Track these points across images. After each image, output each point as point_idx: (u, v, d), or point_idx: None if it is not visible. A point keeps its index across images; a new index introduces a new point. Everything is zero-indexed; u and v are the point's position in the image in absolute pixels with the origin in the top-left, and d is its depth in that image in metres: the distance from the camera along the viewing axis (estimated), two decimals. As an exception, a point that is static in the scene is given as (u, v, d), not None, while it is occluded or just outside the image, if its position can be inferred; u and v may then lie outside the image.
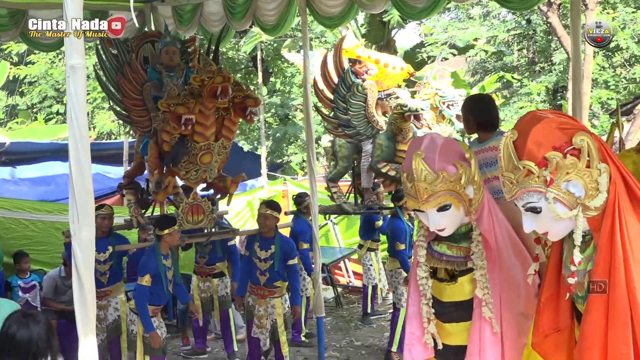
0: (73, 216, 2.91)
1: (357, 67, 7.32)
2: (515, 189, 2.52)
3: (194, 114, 5.39)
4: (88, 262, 2.92)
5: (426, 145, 3.10)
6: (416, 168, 3.04)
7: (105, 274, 6.10)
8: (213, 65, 5.48)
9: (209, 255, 6.78)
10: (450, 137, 3.30)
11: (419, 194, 3.06)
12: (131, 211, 6.37)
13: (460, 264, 3.27)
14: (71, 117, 2.91)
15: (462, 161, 3.12)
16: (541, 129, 2.46)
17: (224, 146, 5.81)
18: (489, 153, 3.89)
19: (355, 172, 7.83)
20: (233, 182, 6.08)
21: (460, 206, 3.11)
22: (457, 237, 3.26)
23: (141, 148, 6.23)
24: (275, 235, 6.01)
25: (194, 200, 5.86)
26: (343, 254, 9.98)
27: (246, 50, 16.51)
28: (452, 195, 3.08)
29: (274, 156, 18.34)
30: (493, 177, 3.83)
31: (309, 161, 6.57)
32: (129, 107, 6.07)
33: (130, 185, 6.49)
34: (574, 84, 5.86)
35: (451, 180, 3.05)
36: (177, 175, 5.88)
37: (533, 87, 18.40)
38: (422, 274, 3.32)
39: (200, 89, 5.36)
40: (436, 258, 3.33)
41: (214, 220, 6.04)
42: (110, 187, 10.05)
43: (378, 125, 7.30)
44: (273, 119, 19.48)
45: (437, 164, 3.05)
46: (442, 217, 3.11)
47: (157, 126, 5.78)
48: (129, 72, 5.96)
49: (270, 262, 5.95)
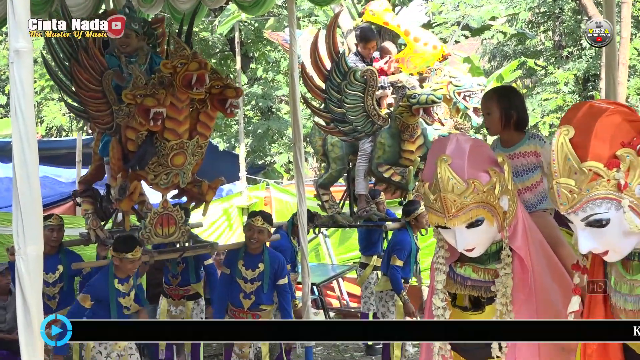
0: (17, 228, 2.90)
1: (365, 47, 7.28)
2: (576, 198, 2.42)
3: (165, 106, 5.37)
4: (35, 283, 2.91)
5: (452, 149, 3.04)
6: (442, 176, 2.97)
7: (54, 297, 6.07)
8: (187, 50, 5.46)
9: (182, 275, 6.75)
10: (478, 138, 3.27)
11: (446, 208, 2.99)
12: (88, 223, 6.33)
13: (488, 289, 3.22)
14: (15, 110, 2.90)
15: (495, 167, 3.06)
16: (607, 123, 2.37)
17: (200, 145, 5.78)
18: (519, 160, 3.86)
19: (351, 176, 7.78)
20: (210, 188, 6.02)
21: (494, 221, 3.06)
22: (484, 258, 3.21)
23: (100, 148, 6.20)
24: (264, 251, 6.00)
25: (164, 209, 5.83)
26: (336, 272, 9.97)
27: (222, 31, 16.50)
28: (485, 208, 3.02)
29: (254, 156, 18.35)
30: (524, 189, 3.83)
31: (296, 162, 6.57)
32: (85, 100, 5.99)
33: (87, 193, 6.46)
34: (608, 72, 5.89)
35: (484, 190, 3.00)
36: (144, 179, 5.83)
37: (560, 76, 18.48)
38: (438, 303, 3.25)
39: (172, 77, 5.33)
40: (459, 283, 3.28)
41: (187, 232, 6.03)
42: (60, 193, 10.05)
43: (380, 120, 7.20)
44: (254, 112, 19.48)
45: (468, 171, 2.99)
46: (472, 235, 3.05)
47: (121, 122, 5.73)
48: (85, 59, 5.88)
49: (258, 283, 5.94)
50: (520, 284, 3.16)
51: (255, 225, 5.91)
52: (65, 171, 11.96)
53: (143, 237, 5.76)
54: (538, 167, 3.85)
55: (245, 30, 17.15)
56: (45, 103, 19.46)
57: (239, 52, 14.48)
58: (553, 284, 3.20)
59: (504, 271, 3.15)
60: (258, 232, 5.91)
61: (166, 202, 5.88)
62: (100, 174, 6.43)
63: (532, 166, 3.85)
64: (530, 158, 3.85)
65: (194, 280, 6.73)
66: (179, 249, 6.13)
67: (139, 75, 5.62)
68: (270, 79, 18.77)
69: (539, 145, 3.87)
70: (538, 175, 3.86)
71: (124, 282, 5.53)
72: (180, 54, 5.41)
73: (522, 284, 3.15)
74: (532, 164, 3.85)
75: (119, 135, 5.79)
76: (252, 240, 5.93)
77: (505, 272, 3.14)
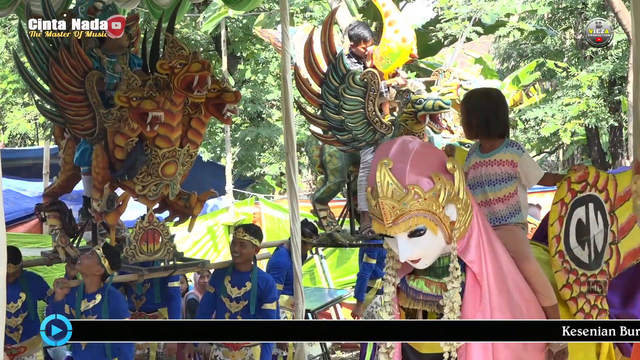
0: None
1: (359, 46, 7.30)
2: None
3: (164, 110, 5.39)
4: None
5: (396, 152, 3.14)
6: (381, 181, 3.07)
7: (17, 329, 6.09)
8: (185, 49, 5.49)
9: (146, 297, 6.76)
10: (427, 142, 3.34)
11: (385, 215, 3.08)
12: (56, 240, 6.33)
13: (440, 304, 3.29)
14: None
15: (442, 173, 3.14)
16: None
17: (190, 154, 5.84)
18: (494, 168, 3.92)
19: (352, 189, 7.80)
20: (199, 201, 6.08)
21: (437, 230, 3.14)
22: (438, 271, 3.30)
23: (77, 157, 6.22)
24: (253, 269, 6.03)
25: (149, 224, 5.85)
26: (333, 297, 9.94)
27: (207, 29, 16.53)
28: (427, 216, 3.10)
29: (242, 167, 18.33)
30: (496, 199, 3.89)
31: (289, 175, 6.56)
32: (62, 103, 5.93)
33: (54, 207, 6.46)
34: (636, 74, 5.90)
35: (425, 197, 3.08)
36: (131, 190, 5.85)
37: (583, 78, 18.50)
38: (386, 317, 3.34)
39: (169, 78, 5.36)
40: (411, 297, 3.37)
41: (173, 249, 6.06)
42: (25, 209, 10.01)
43: (382, 127, 7.19)
44: (241, 118, 19.49)
45: (409, 176, 3.08)
46: (414, 245, 3.14)
47: (110, 127, 5.73)
48: (67, 58, 5.85)
49: (244, 302, 6.01)
50: (472, 300, 3.24)
51: (237, 238, 5.98)
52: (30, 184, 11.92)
53: (127, 254, 5.79)
54: (513, 178, 3.91)
55: (232, 28, 17.19)
56: (8, 108, 19.46)
57: (226, 51, 14.52)
58: (513, 302, 3.27)
59: (451, 285, 3.23)
60: (240, 244, 5.98)
61: (152, 216, 5.91)
62: (70, 185, 6.44)
63: (507, 176, 3.90)
64: (505, 167, 3.90)
65: (158, 300, 6.74)
66: (169, 267, 6.15)
67: (133, 76, 5.61)
68: (260, 82, 18.77)
69: (516, 154, 3.92)
70: (512, 187, 3.91)
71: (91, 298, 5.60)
72: (178, 53, 5.44)
73: (474, 300, 3.22)
74: (506, 174, 3.90)
75: (105, 141, 5.81)
76: (236, 254, 5.98)
77: (452, 286, 3.22)
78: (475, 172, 3.96)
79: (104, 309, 5.63)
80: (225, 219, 11.74)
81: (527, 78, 16.71)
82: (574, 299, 3.80)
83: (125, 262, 5.83)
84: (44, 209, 6.54)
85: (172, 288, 6.86)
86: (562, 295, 3.79)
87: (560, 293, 3.78)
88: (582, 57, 20.06)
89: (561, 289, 3.79)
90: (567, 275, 3.81)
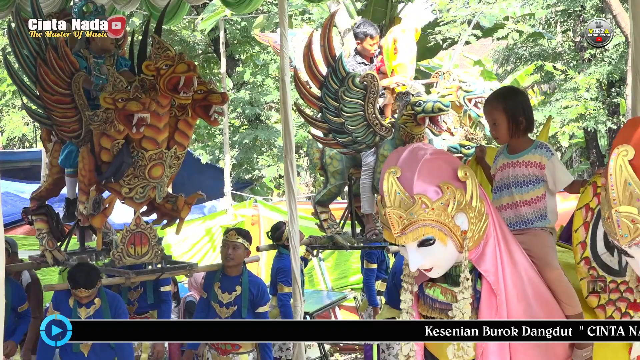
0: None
1: (365, 44, 7.29)
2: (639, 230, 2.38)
3: (150, 112, 5.37)
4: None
5: (404, 161, 3.12)
6: (388, 190, 3.06)
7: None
8: (171, 50, 5.48)
9: (138, 302, 6.77)
10: (439, 149, 3.30)
11: (392, 225, 3.08)
12: (44, 244, 6.33)
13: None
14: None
15: (452, 182, 3.11)
16: None
17: (177, 156, 5.83)
18: (521, 169, 3.87)
19: (352, 191, 7.78)
20: (186, 204, 6.07)
21: (447, 240, 3.12)
22: (456, 279, 3.27)
23: (62, 159, 6.23)
24: (243, 273, 6.02)
25: (136, 226, 5.84)
26: (332, 299, 9.95)
27: (204, 27, 16.52)
28: (435, 226, 3.09)
29: (241, 170, 18.36)
30: (523, 202, 3.84)
31: (287, 177, 6.54)
32: (50, 105, 6.04)
33: (42, 210, 6.46)
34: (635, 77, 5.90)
35: (432, 207, 3.06)
36: (117, 193, 5.85)
37: (581, 81, 18.56)
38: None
39: (155, 79, 5.35)
40: (428, 304, 3.36)
41: (161, 252, 6.04)
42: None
43: (382, 130, 7.17)
44: (240, 120, 19.51)
45: (416, 186, 3.07)
46: (424, 254, 3.13)
47: (96, 128, 5.75)
48: (54, 59, 5.91)
49: (234, 307, 6.02)
50: (487, 310, 3.23)
51: (229, 241, 5.97)
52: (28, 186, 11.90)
53: (114, 257, 5.79)
54: (541, 181, 3.86)
55: (230, 30, 17.20)
56: (6, 110, 19.46)
57: (224, 53, 14.55)
58: (533, 312, 3.25)
59: (462, 295, 3.23)
60: (232, 247, 6.00)
61: (139, 219, 5.93)
62: (57, 188, 6.47)
63: (534, 178, 3.85)
64: (533, 169, 3.85)
65: (151, 301, 6.76)
66: (157, 270, 6.16)
67: (118, 78, 5.65)
68: (258, 84, 18.79)
69: (545, 156, 3.86)
70: (540, 190, 3.86)
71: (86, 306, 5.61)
72: (164, 54, 5.46)
73: (489, 311, 3.22)
74: (534, 176, 3.85)
75: (91, 144, 5.81)
76: (228, 258, 5.95)
77: (463, 296, 3.22)
78: (502, 173, 3.91)
79: (105, 314, 5.61)
80: (224, 221, 11.75)
81: (526, 80, 16.78)
82: (601, 306, 3.67)
83: (112, 265, 5.81)
84: (31, 212, 6.53)
85: (165, 292, 6.88)
86: (589, 303, 3.69)
87: (587, 301, 3.69)
88: (580, 60, 20.10)
89: (587, 296, 3.69)
90: (594, 282, 3.69)
